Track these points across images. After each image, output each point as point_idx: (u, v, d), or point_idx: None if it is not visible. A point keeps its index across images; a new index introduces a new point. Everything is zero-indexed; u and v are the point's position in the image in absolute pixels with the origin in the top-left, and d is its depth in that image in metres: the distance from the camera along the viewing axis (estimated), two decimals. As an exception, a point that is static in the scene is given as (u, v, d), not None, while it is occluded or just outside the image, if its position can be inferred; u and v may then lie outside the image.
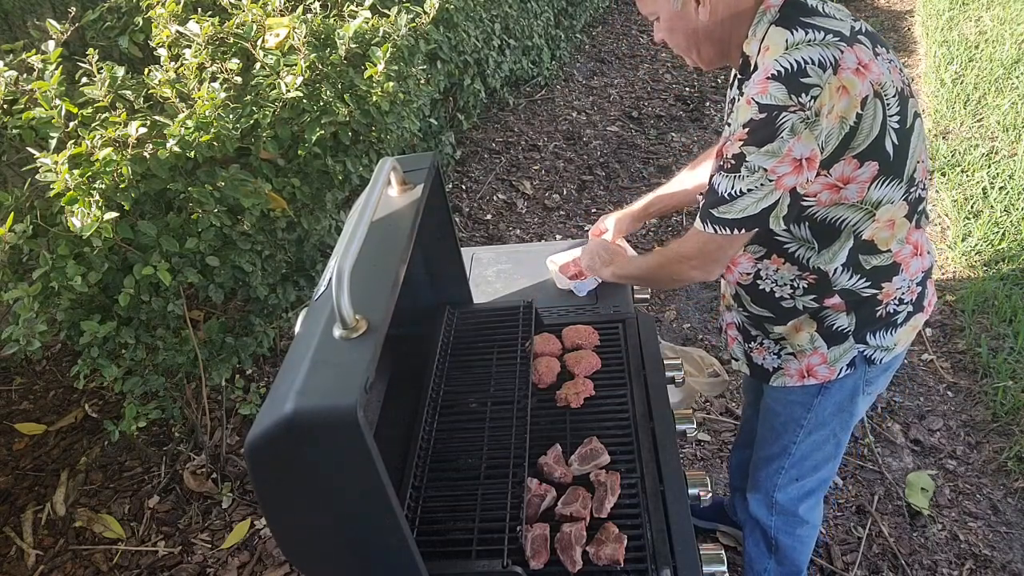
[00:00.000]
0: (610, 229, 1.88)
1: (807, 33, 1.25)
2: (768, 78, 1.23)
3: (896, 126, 1.29)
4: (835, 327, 1.48)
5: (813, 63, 1.21)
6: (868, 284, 1.43)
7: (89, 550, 2.25)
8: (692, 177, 1.83)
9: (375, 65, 2.04)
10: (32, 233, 1.62)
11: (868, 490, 2.41)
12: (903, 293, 1.47)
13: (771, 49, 1.27)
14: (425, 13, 2.44)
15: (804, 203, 1.31)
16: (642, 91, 5.16)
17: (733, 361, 1.72)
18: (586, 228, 3.32)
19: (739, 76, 1.40)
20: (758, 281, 1.50)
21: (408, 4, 2.59)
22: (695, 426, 1.55)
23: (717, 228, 1.34)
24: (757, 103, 1.23)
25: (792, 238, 1.40)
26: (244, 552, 2.24)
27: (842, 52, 1.23)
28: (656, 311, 3.21)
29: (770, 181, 1.26)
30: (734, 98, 1.42)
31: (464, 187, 4.03)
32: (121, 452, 2.53)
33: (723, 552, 1.28)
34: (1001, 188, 3.69)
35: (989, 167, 3.88)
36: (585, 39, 5.96)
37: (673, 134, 4.60)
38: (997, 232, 3.40)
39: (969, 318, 3.02)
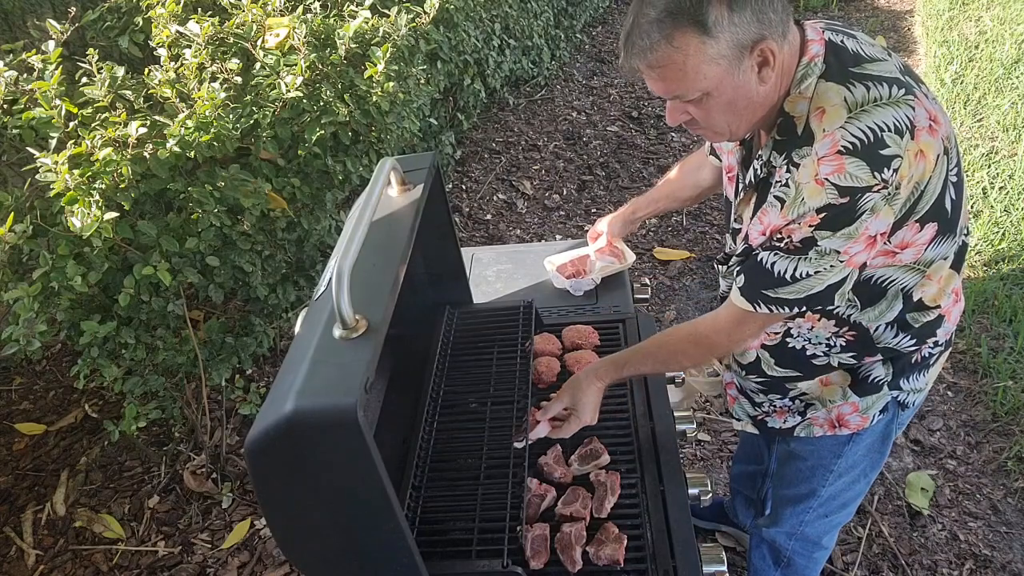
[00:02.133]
0: (604, 232, 1.89)
1: (869, 89, 1.09)
2: (840, 152, 1.06)
3: (955, 179, 1.17)
4: (871, 379, 1.37)
5: (889, 129, 1.06)
6: (914, 342, 1.33)
7: (89, 550, 2.25)
8: (672, 180, 1.78)
9: (375, 65, 2.04)
10: (32, 233, 1.62)
11: (868, 490, 2.40)
12: (940, 338, 1.37)
13: (828, 112, 1.09)
14: (425, 13, 2.44)
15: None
16: (642, 91, 5.16)
17: (735, 421, 1.60)
18: (586, 228, 3.32)
19: (777, 137, 1.18)
20: (788, 339, 1.37)
21: (408, 4, 2.59)
22: (695, 426, 1.55)
23: (773, 308, 1.20)
24: (836, 186, 1.06)
25: None
26: (244, 552, 2.24)
27: (913, 109, 1.08)
28: (656, 311, 3.21)
29: (841, 262, 1.12)
30: (770, 160, 1.20)
31: (464, 187, 4.03)
32: (121, 452, 2.53)
33: (723, 552, 1.28)
34: (1001, 188, 3.69)
35: (989, 167, 3.87)
36: (585, 39, 5.96)
37: (673, 134, 4.59)
38: (997, 232, 3.40)
39: (969, 318, 3.02)
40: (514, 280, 1.99)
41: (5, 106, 1.72)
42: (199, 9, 2.18)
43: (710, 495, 1.38)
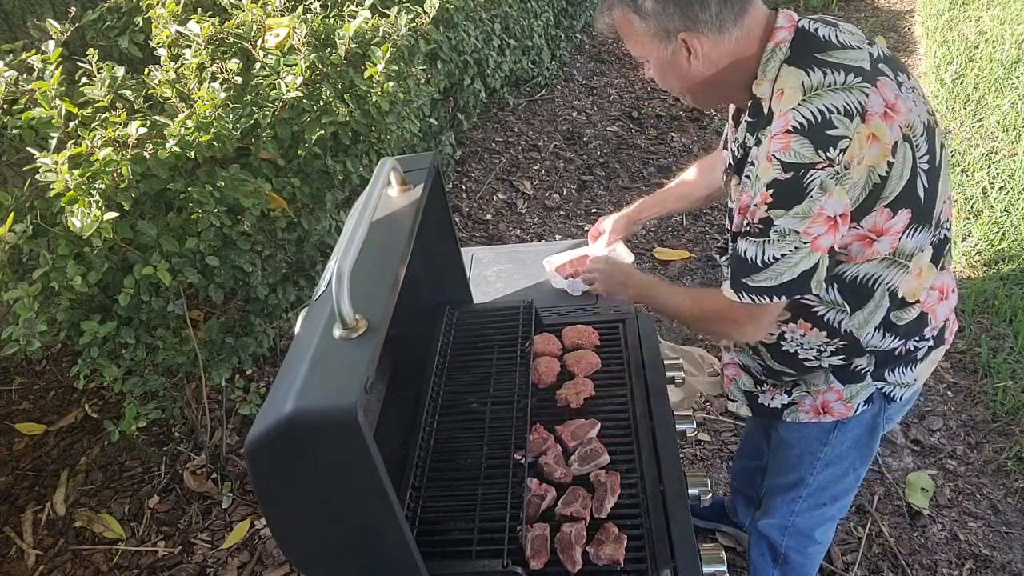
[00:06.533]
0: (607, 231, 1.88)
1: (826, 75, 1.15)
2: (789, 131, 1.13)
3: (926, 167, 1.20)
4: (852, 367, 1.42)
5: (838, 111, 1.12)
6: (900, 341, 1.36)
7: (89, 550, 2.25)
8: (687, 180, 1.79)
9: (375, 65, 2.04)
10: (32, 233, 1.62)
11: (868, 490, 2.40)
12: (927, 334, 1.40)
13: (786, 94, 1.16)
14: (425, 13, 2.44)
15: (837, 259, 1.23)
16: (642, 91, 5.16)
17: (730, 402, 1.64)
18: (586, 228, 3.31)
19: (748, 119, 1.27)
20: (781, 343, 1.42)
21: (408, 4, 2.58)
22: (695, 426, 1.55)
23: (755, 297, 1.24)
24: (780, 161, 1.13)
25: (821, 301, 1.31)
26: (244, 552, 2.24)
27: (867, 96, 1.13)
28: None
29: (804, 244, 1.16)
30: (744, 142, 1.29)
31: (464, 187, 4.03)
32: (121, 452, 2.53)
33: (723, 552, 1.28)
34: (1001, 188, 3.69)
35: (989, 167, 3.87)
36: (585, 39, 5.96)
37: (673, 134, 4.59)
38: (997, 232, 3.40)
39: (969, 318, 3.02)
40: (514, 280, 1.99)
41: (5, 106, 1.72)
42: (199, 9, 2.18)
43: (710, 495, 1.38)
